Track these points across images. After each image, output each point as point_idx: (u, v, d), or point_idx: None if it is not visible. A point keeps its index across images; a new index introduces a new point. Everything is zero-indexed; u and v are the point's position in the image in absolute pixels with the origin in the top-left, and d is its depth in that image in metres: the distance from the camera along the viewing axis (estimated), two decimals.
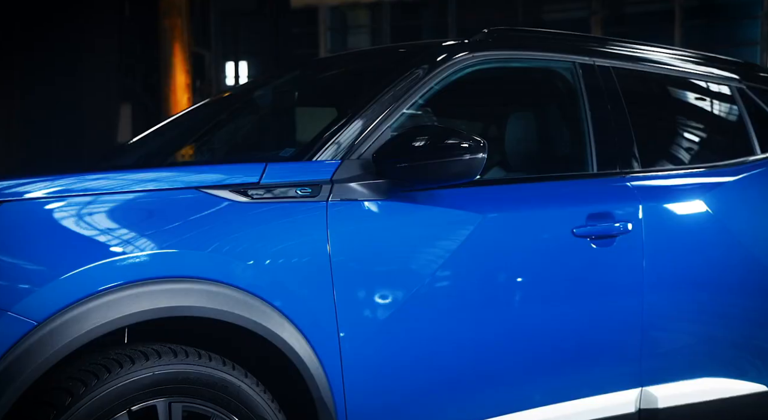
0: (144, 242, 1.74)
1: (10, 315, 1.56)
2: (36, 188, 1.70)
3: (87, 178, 1.80)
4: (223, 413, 1.77)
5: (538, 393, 2.24)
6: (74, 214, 1.70)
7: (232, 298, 1.81)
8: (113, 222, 1.74)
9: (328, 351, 1.91)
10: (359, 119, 2.12)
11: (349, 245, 1.98)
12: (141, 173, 1.88)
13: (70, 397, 1.61)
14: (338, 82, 2.70)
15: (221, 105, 3.01)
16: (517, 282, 2.18)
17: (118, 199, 1.77)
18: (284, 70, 3.09)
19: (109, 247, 1.70)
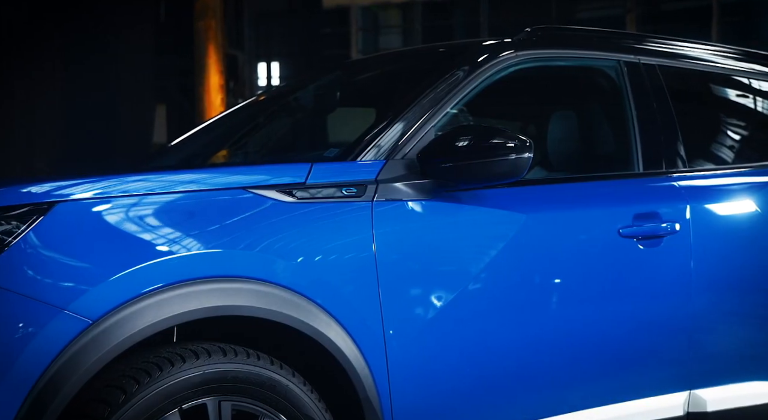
0: (193, 242, 1.76)
1: (66, 313, 1.58)
2: (88, 189, 1.73)
3: (137, 179, 1.83)
4: (271, 412, 1.79)
5: (583, 395, 2.21)
6: (125, 214, 1.73)
7: (279, 297, 1.82)
8: (163, 222, 1.75)
9: (373, 350, 1.92)
10: (403, 119, 2.12)
11: (394, 245, 1.98)
12: (190, 174, 1.89)
13: (124, 395, 1.63)
14: (380, 83, 2.70)
15: (261, 106, 3.03)
16: (562, 283, 2.16)
17: (168, 200, 1.79)
18: (325, 71, 3.11)
19: (159, 247, 1.72)
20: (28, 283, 1.58)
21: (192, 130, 3.00)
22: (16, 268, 1.58)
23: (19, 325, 1.55)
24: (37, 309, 1.57)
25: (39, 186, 1.68)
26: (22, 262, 1.59)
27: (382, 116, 2.19)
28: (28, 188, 1.67)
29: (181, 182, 1.84)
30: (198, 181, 1.86)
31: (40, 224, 1.63)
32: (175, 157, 2.83)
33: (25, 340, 1.54)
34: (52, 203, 1.66)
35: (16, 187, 1.68)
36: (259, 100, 3.13)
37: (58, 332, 1.57)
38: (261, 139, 2.96)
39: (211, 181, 1.87)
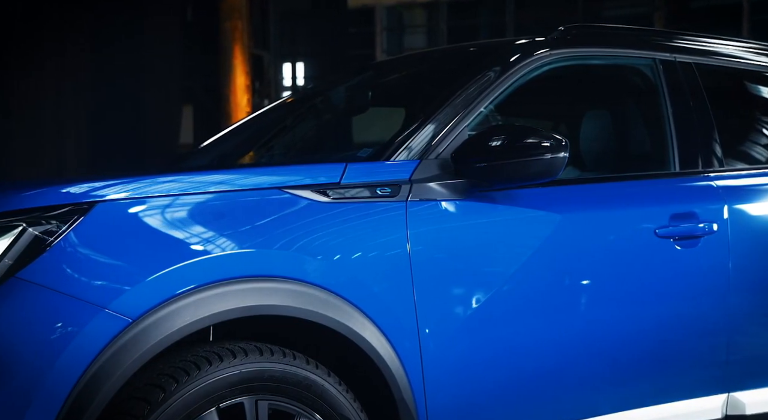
0: (229, 241, 1.77)
1: (106, 312, 1.60)
2: (126, 189, 1.74)
3: (174, 180, 1.84)
4: (307, 412, 1.79)
5: (619, 397, 2.19)
6: (163, 214, 1.74)
7: (314, 297, 1.82)
8: (200, 222, 1.76)
9: (408, 351, 1.91)
10: (436, 119, 2.12)
11: (428, 245, 1.97)
12: (225, 174, 1.90)
13: (163, 393, 1.64)
14: (412, 83, 2.70)
15: (291, 107, 3.04)
16: (598, 284, 2.14)
17: (204, 200, 1.80)
18: (355, 71, 3.11)
19: (196, 247, 1.73)
20: (69, 282, 1.60)
21: (222, 131, 3.02)
22: (57, 268, 1.60)
23: (61, 324, 1.57)
24: (79, 308, 1.58)
25: (79, 186, 1.70)
26: (63, 261, 1.61)
27: (414, 116, 2.19)
28: (68, 188, 1.69)
29: (216, 182, 1.85)
30: (233, 182, 1.87)
31: (80, 224, 1.64)
32: (206, 158, 2.85)
33: (67, 338, 1.56)
34: (92, 203, 1.67)
35: (56, 187, 1.70)
36: (288, 101, 3.14)
37: (99, 331, 1.59)
38: (292, 139, 2.97)
39: (246, 181, 1.88)
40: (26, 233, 1.60)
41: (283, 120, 2.97)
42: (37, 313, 1.56)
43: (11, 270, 1.57)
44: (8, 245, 1.59)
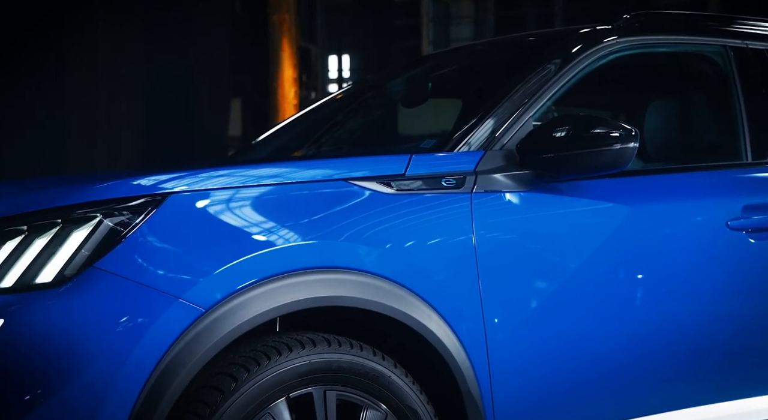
0: (297, 233, 1.78)
1: (180, 302, 1.62)
2: (198, 181, 1.76)
3: (244, 171, 1.86)
4: (374, 403, 1.79)
5: (688, 393, 2.15)
6: (234, 206, 1.76)
7: (381, 288, 1.82)
8: (269, 213, 1.78)
9: (474, 343, 1.90)
10: (501, 110, 2.09)
11: (494, 236, 1.96)
12: (293, 165, 1.91)
13: (235, 383, 1.66)
14: (472, 73, 2.68)
15: (348, 99, 3.04)
16: (667, 277, 2.10)
17: (273, 191, 1.81)
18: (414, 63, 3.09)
19: (265, 238, 1.74)
20: (144, 272, 1.62)
21: (280, 124, 3.04)
22: (133, 258, 1.63)
23: (138, 312, 1.59)
24: (154, 297, 1.61)
25: (152, 178, 1.73)
26: (138, 252, 1.64)
27: (477, 107, 2.17)
28: (142, 180, 1.72)
29: (284, 174, 1.86)
30: (301, 174, 1.87)
31: (154, 215, 1.67)
32: (264, 151, 2.87)
33: (143, 327, 1.59)
34: (166, 194, 1.70)
35: (130, 179, 1.72)
36: (345, 94, 3.14)
37: (173, 320, 1.61)
38: (351, 131, 2.98)
39: (313, 173, 1.89)
40: (103, 224, 1.63)
41: (340, 112, 2.98)
42: (114, 302, 1.59)
43: (89, 260, 1.60)
44: (86, 236, 1.62)
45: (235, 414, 1.64)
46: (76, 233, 1.62)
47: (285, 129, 2.99)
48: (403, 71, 3.13)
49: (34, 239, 1.61)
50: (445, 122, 2.84)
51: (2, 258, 1.59)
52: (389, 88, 3.00)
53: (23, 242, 1.60)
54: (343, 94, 3.08)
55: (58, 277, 1.58)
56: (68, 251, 1.60)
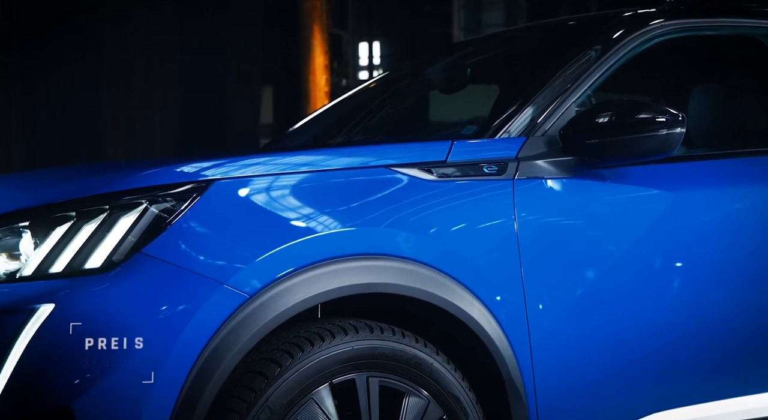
0: (339, 219, 1.78)
1: (225, 288, 1.63)
2: (242, 167, 1.77)
3: (286, 158, 1.86)
4: (416, 390, 1.79)
5: (732, 383, 2.12)
6: (277, 192, 1.76)
7: (423, 275, 1.82)
8: (311, 200, 1.78)
9: (516, 331, 1.89)
10: (543, 95, 2.07)
11: (536, 223, 1.94)
12: (335, 152, 1.91)
13: (279, 368, 1.67)
14: (513, 59, 2.65)
15: (384, 86, 3.03)
16: (713, 266, 2.06)
17: (316, 178, 1.82)
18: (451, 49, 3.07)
19: (308, 224, 1.75)
20: (190, 258, 1.64)
21: (316, 112, 3.04)
22: (179, 244, 1.64)
23: (184, 298, 1.61)
24: (200, 283, 1.62)
25: (195, 165, 1.74)
26: (184, 238, 1.65)
27: (518, 93, 2.15)
28: (185, 167, 1.73)
29: (326, 161, 1.87)
30: (342, 160, 1.88)
31: (199, 202, 1.68)
32: (301, 139, 2.88)
33: (189, 312, 1.60)
34: (210, 181, 1.71)
35: (175, 166, 1.74)
36: (378, 82, 3.12)
37: (218, 306, 1.62)
38: (384, 120, 2.97)
39: (354, 160, 1.89)
40: (149, 211, 1.65)
41: (375, 100, 2.97)
42: (161, 287, 1.61)
43: (136, 246, 1.62)
44: (133, 222, 1.64)
45: (279, 399, 1.66)
46: (123, 219, 1.64)
47: (319, 118, 3.00)
48: (439, 57, 3.11)
49: (82, 225, 1.63)
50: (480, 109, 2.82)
51: (52, 244, 1.61)
52: (425, 75, 2.99)
53: (72, 228, 1.63)
54: (377, 82, 3.07)
55: (107, 263, 1.60)
56: (116, 237, 1.62)
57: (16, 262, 1.63)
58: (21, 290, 1.57)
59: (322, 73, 8.85)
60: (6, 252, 1.63)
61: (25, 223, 1.63)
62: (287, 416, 1.66)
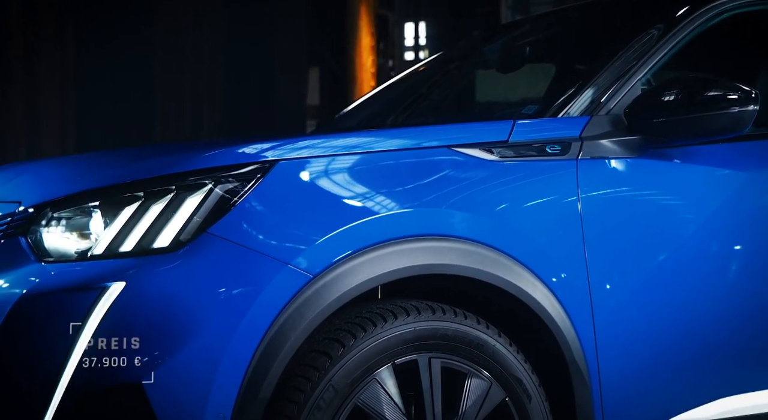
0: (401, 200, 1.77)
1: (290, 268, 1.64)
2: (304, 148, 1.77)
3: (347, 138, 1.86)
4: (479, 371, 1.78)
5: None
6: (338, 173, 1.76)
7: (485, 256, 1.80)
8: (373, 180, 1.77)
9: (579, 313, 1.87)
10: (607, 74, 2.02)
11: (600, 204, 1.91)
12: (396, 132, 1.90)
13: (342, 348, 1.68)
14: (573, 36, 2.59)
15: (432, 69, 3.00)
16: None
17: (378, 158, 1.81)
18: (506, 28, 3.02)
19: (370, 205, 1.75)
20: (254, 238, 1.65)
21: (364, 96, 3.03)
22: (243, 224, 1.65)
23: (249, 278, 1.62)
24: (264, 263, 1.63)
25: (258, 145, 1.74)
26: (248, 218, 1.66)
27: (578, 72, 2.11)
28: (248, 148, 1.74)
29: (387, 141, 1.86)
30: (404, 140, 1.87)
31: (263, 182, 1.69)
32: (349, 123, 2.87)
33: (255, 292, 1.62)
34: (274, 162, 1.71)
35: (239, 146, 1.75)
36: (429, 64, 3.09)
37: (283, 285, 1.63)
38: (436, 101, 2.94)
39: (416, 139, 1.87)
40: (214, 191, 1.66)
41: (426, 83, 2.94)
42: (227, 266, 1.62)
43: (202, 226, 1.64)
44: (199, 203, 1.65)
45: (342, 379, 1.67)
46: (189, 200, 1.65)
47: (371, 100, 2.98)
48: (494, 37, 3.06)
49: (150, 205, 1.65)
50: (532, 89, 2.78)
51: (122, 223, 1.64)
52: (479, 55, 2.95)
53: (140, 208, 1.65)
54: (430, 63, 3.04)
55: (174, 242, 1.62)
56: (183, 217, 1.64)
57: (87, 241, 1.66)
58: (92, 268, 1.60)
59: (368, 54, 8.85)
60: (77, 231, 1.66)
61: (95, 203, 1.66)
62: (350, 396, 1.67)
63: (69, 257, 1.64)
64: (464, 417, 1.76)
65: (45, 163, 2.07)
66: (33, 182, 1.83)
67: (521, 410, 1.80)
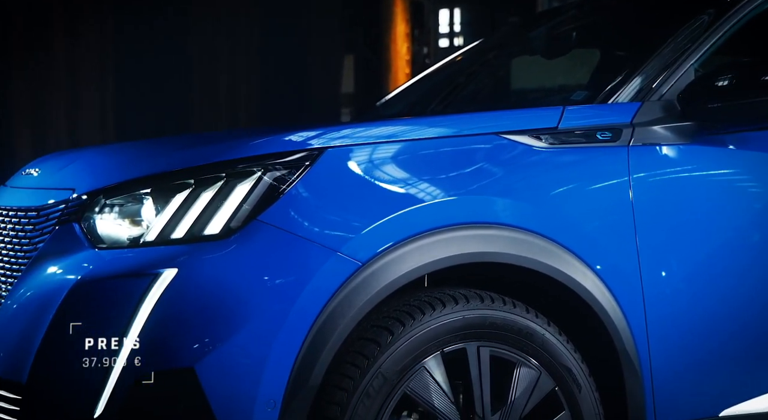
0: (449, 187, 1.76)
1: (339, 255, 1.64)
2: (352, 135, 1.76)
3: (395, 125, 1.85)
4: (527, 360, 1.77)
5: None
6: (386, 160, 1.75)
7: (534, 244, 1.78)
8: (420, 167, 1.76)
9: (630, 302, 1.84)
10: (658, 59, 1.98)
11: (652, 191, 1.87)
12: (443, 119, 1.89)
13: (390, 336, 1.68)
14: (623, 21, 2.54)
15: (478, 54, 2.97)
16: None
17: (425, 145, 1.80)
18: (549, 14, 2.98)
19: (418, 193, 1.73)
20: (304, 226, 1.65)
21: (404, 85, 3.01)
22: (293, 212, 1.65)
23: (299, 265, 1.63)
24: (314, 250, 1.63)
25: (306, 133, 1.74)
26: (297, 206, 1.66)
27: (628, 56, 2.06)
28: (295, 135, 1.74)
29: (435, 128, 1.84)
30: (451, 127, 1.85)
31: (312, 169, 1.69)
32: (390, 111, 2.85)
33: (304, 279, 1.62)
34: (322, 149, 1.71)
35: (284, 134, 1.75)
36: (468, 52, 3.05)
37: (332, 273, 1.63)
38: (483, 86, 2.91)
39: (463, 127, 1.86)
40: (264, 178, 1.66)
41: (465, 71, 2.91)
42: (277, 253, 1.62)
43: (252, 213, 1.64)
44: (248, 190, 1.66)
45: (391, 366, 1.66)
46: (239, 187, 1.66)
47: (410, 89, 2.96)
48: (537, 23, 3.02)
49: (200, 192, 1.66)
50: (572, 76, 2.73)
51: (173, 210, 1.65)
52: (521, 41, 2.90)
53: (191, 195, 1.66)
54: (468, 52, 3.01)
55: (225, 229, 1.63)
56: (233, 204, 1.65)
57: (138, 227, 1.67)
58: (145, 255, 1.62)
59: (403, 41, 8.79)
60: (129, 218, 1.68)
61: (147, 190, 1.68)
62: (399, 384, 1.67)
63: (121, 244, 1.66)
64: (513, 406, 1.75)
65: (96, 151, 2.09)
66: (85, 169, 1.85)
67: (571, 400, 1.78)
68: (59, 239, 1.68)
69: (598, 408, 1.81)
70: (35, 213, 1.77)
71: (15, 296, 1.68)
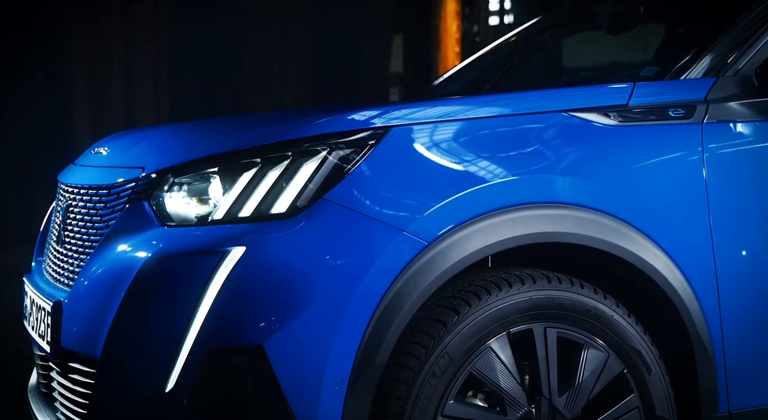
0: (515, 166, 1.72)
1: (405, 235, 1.63)
2: (417, 113, 1.74)
3: (459, 104, 1.82)
4: (595, 342, 1.74)
5: None
6: (451, 139, 1.72)
7: (603, 225, 1.74)
8: (486, 146, 1.73)
9: (703, 284, 1.79)
10: (735, 32, 1.91)
11: (727, 170, 1.81)
12: (509, 97, 1.85)
13: (456, 316, 1.66)
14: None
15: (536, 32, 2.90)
16: None
17: (491, 123, 1.76)
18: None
19: (483, 171, 1.70)
20: (369, 205, 1.64)
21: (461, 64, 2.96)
22: (358, 191, 1.64)
23: (365, 243, 1.62)
24: (380, 229, 1.62)
25: (370, 111, 1.72)
26: (363, 184, 1.65)
27: (700, 31, 1.99)
28: (358, 114, 1.72)
29: (501, 106, 1.81)
30: (518, 105, 1.81)
31: (377, 148, 1.67)
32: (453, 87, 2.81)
33: (371, 258, 1.61)
34: (388, 128, 1.69)
35: (349, 113, 1.73)
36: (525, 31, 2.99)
37: (398, 252, 1.62)
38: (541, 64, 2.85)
39: (530, 105, 1.82)
40: (329, 157, 1.66)
41: (522, 50, 2.85)
42: (343, 232, 1.62)
43: (318, 192, 1.63)
44: (315, 169, 1.65)
45: (457, 346, 1.65)
46: (305, 166, 1.65)
47: (466, 68, 2.92)
48: None
49: (267, 171, 1.66)
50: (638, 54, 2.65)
51: (240, 189, 1.65)
52: (583, 18, 2.83)
53: (258, 174, 1.66)
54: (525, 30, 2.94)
55: (292, 208, 1.62)
56: (299, 183, 1.64)
57: (206, 206, 1.68)
58: (213, 233, 1.62)
59: (453, 19, 8.68)
60: (197, 196, 1.69)
61: (214, 169, 1.68)
62: (465, 364, 1.66)
63: (190, 222, 1.67)
64: (581, 388, 1.72)
65: (164, 130, 2.11)
66: (154, 148, 1.87)
67: (640, 383, 1.75)
68: (130, 217, 1.70)
69: (668, 391, 1.78)
70: (106, 191, 1.80)
71: (88, 273, 1.71)
